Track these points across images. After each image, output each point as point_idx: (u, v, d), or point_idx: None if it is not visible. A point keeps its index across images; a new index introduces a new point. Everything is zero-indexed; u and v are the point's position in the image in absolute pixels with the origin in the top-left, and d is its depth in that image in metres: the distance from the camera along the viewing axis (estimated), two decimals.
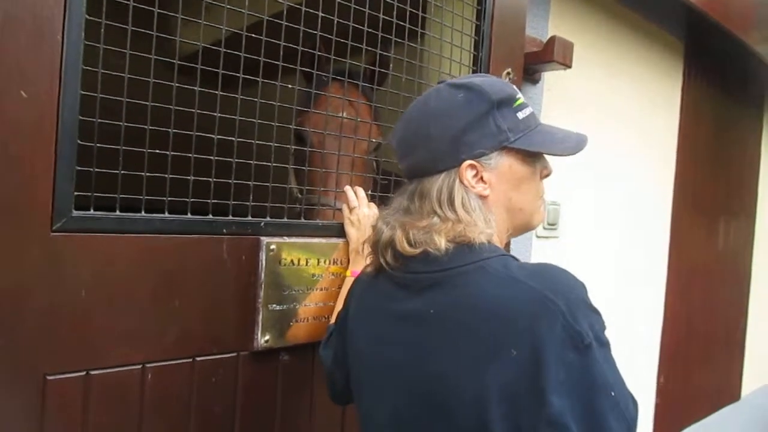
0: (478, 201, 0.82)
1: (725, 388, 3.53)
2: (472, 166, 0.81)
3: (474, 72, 1.54)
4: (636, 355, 2.67)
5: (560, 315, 0.68)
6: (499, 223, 0.85)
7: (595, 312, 0.73)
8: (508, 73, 1.59)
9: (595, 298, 0.76)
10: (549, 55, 1.76)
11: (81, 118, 0.93)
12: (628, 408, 0.70)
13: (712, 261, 3.23)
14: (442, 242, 0.77)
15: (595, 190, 2.31)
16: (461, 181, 0.81)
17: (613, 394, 0.68)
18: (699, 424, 3.19)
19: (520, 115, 0.84)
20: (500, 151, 0.82)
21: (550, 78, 1.99)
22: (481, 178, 0.82)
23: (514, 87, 0.87)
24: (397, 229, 0.82)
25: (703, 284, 3.15)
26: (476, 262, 0.77)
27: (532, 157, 0.86)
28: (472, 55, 1.53)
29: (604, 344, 0.71)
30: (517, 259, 0.80)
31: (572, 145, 0.87)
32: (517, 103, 0.84)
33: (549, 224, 2.05)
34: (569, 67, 1.82)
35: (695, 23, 2.61)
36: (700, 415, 3.21)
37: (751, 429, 3.91)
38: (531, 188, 0.87)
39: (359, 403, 0.93)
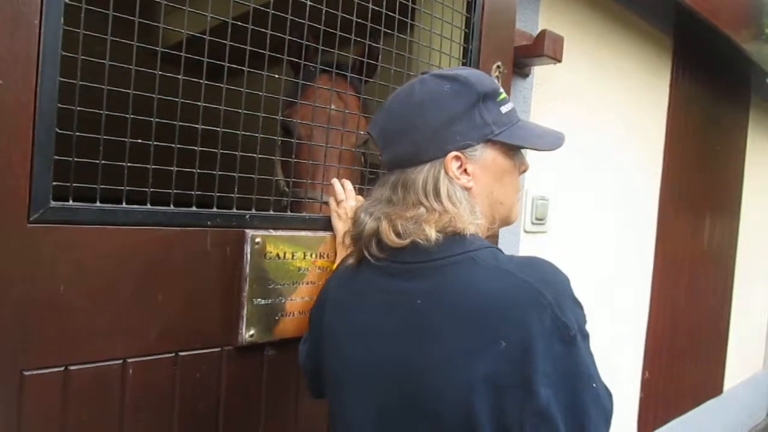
0: (464, 192, 0.82)
1: (708, 383, 3.57)
2: (457, 158, 0.81)
3: (464, 65, 1.53)
4: (621, 350, 2.69)
5: (549, 307, 0.69)
6: (482, 215, 0.85)
7: (579, 305, 0.74)
8: (498, 67, 1.57)
9: (582, 293, 0.77)
10: (539, 49, 1.75)
11: (60, 105, 0.90)
12: (606, 400, 0.72)
13: (698, 256, 3.26)
14: (432, 232, 0.77)
15: (583, 185, 2.32)
16: (446, 172, 0.81)
17: (594, 385, 0.70)
18: (682, 417, 3.23)
19: (503, 109, 0.85)
20: (485, 143, 0.83)
21: (540, 72, 1.99)
22: (465, 170, 0.82)
23: (497, 82, 0.88)
24: (382, 220, 0.81)
25: (688, 280, 3.18)
26: (466, 252, 0.77)
27: (514, 152, 0.87)
28: (461, 47, 1.52)
29: (586, 337, 0.73)
30: (503, 252, 0.80)
31: (553, 141, 0.89)
32: (501, 97, 0.85)
33: (537, 219, 2.04)
34: (559, 61, 1.82)
35: (684, 20, 2.62)
36: (683, 409, 3.25)
37: (733, 422, 3.97)
38: (512, 182, 0.89)
39: (336, 397, 0.90)
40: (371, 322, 0.83)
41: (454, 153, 0.81)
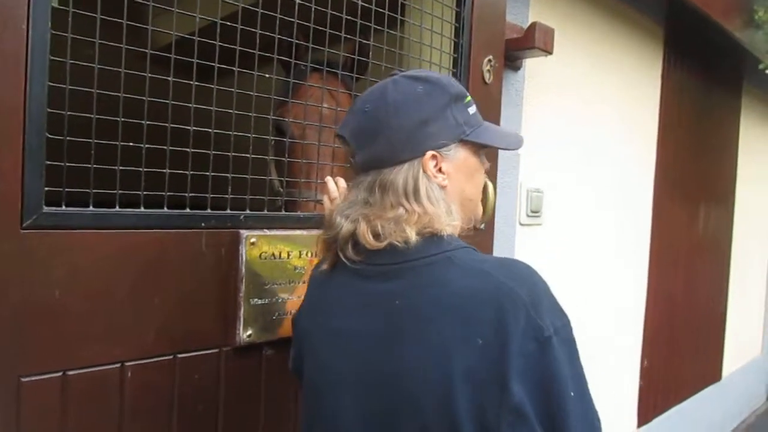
0: (441, 192, 0.83)
1: (707, 369, 3.59)
2: (434, 157, 0.83)
3: (455, 60, 1.52)
4: (620, 340, 2.70)
5: (524, 307, 0.71)
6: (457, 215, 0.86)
7: (559, 310, 0.75)
8: (490, 60, 1.57)
9: (579, 285, 0.78)
10: (530, 42, 1.75)
11: (49, 110, 0.90)
12: (595, 418, 0.73)
13: (694, 244, 3.27)
14: (412, 234, 0.77)
15: (578, 177, 2.32)
16: (424, 171, 0.82)
17: (572, 394, 0.70)
18: (682, 405, 3.25)
19: (470, 111, 0.88)
20: (457, 143, 0.85)
21: (531, 65, 1.99)
22: (440, 168, 0.83)
23: (462, 86, 0.92)
24: (360, 222, 0.81)
25: (684, 268, 3.19)
26: (443, 253, 0.78)
27: (480, 151, 0.90)
28: (452, 42, 1.51)
29: (567, 342, 0.73)
30: (478, 252, 0.82)
31: (515, 141, 0.94)
32: (467, 99, 0.88)
33: (532, 212, 2.05)
34: (550, 53, 1.82)
35: (675, 9, 2.62)
36: (683, 396, 3.27)
37: (733, 408, 3.99)
38: (480, 180, 0.92)
39: (314, 403, 0.89)
40: (348, 325, 0.83)
41: (431, 152, 0.82)
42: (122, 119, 0.98)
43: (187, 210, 1.08)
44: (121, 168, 0.99)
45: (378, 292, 0.80)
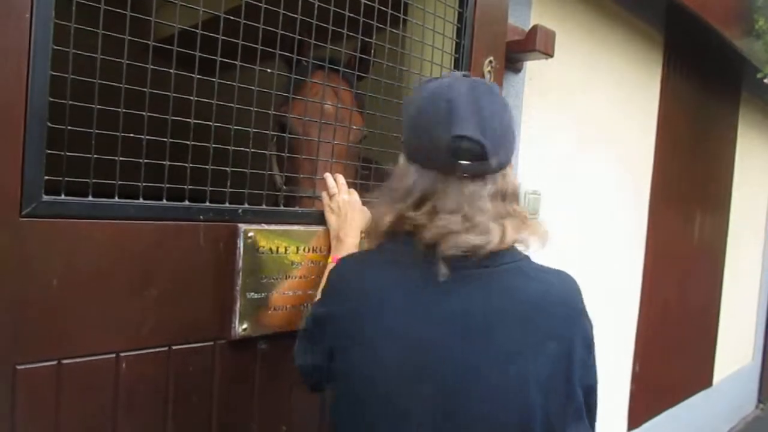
0: None
1: (698, 375, 3.61)
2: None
3: (456, 60, 1.53)
4: (612, 344, 2.71)
5: (581, 317, 0.81)
6: None
7: (590, 317, 0.84)
8: (491, 62, 1.58)
9: None
10: (531, 44, 1.76)
11: (51, 99, 0.90)
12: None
13: (688, 250, 3.28)
14: (534, 241, 0.83)
15: (575, 180, 2.33)
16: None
17: (596, 393, 0.82)
18: (672, 410, 3.26)
19: None
20: None
21: (532, 67, 1.99)
22: None
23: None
24: (499, 231, 0.79)
25: (678, 274, 3.21)
26: (515, 261, 0.82)
27: None
28: (454, 42, 1.52)
29: (594, 344, 0.83)
30: (533, 261, 0.86)
31: None
32: None
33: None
34: (551, 56, 1.82)
35: (675, 16, 2.64)
36: (673, 402, 3.28)
37: (723, 414, 4.01)
38: None
39: (373, 404, 0.83)
40: (421, 328, 0.79)
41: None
42: (123, 110, 0.98)
43: (186, 202, 1.08)
44: (121, 159, 0.99)
45: (454, 295, 0.79)
